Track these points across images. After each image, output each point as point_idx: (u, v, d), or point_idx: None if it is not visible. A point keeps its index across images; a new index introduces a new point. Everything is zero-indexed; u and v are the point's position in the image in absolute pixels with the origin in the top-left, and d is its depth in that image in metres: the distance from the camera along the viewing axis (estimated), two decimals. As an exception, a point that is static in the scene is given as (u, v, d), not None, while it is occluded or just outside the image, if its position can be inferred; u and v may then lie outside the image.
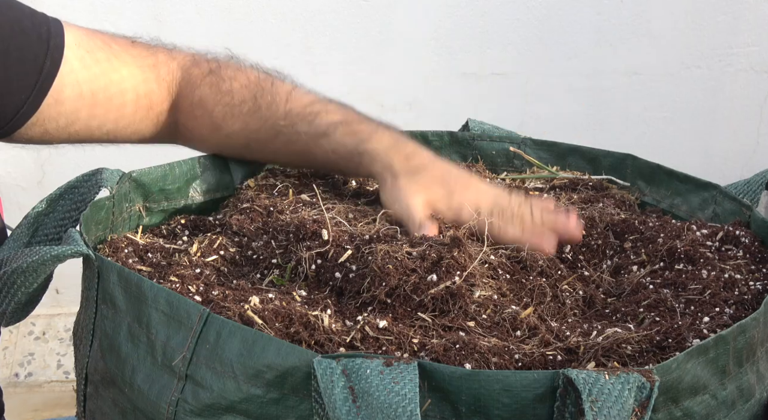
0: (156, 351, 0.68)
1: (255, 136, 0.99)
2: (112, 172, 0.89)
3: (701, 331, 0.71)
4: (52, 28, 0.95)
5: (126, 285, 0.71)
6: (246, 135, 1.00)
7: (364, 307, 0.75)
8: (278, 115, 0.98)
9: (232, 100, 1.00)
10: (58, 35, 0.95)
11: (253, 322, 0.68)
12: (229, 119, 1.00)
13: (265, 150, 1.00)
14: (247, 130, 0.99)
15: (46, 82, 0.94)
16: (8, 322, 0.75)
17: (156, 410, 0.68)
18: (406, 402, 0.56)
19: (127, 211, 0.91)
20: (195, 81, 1.02)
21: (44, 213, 0.85)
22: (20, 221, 0.84)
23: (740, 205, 0.94)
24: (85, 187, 0.86)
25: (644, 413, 0.58)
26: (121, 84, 0.99)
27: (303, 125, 0.96)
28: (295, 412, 0.62)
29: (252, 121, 0.99)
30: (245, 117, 0.99)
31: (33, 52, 0.93)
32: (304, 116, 0.97)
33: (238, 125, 1.00)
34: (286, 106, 0.98)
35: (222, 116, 1.00)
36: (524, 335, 0.72)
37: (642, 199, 1.06)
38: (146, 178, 0.94)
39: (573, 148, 1.13)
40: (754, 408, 0.70)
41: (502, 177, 1.11)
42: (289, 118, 0.97)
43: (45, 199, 0.86)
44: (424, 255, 0.76)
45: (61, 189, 0.87)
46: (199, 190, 1.00)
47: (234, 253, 0.84)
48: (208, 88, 1.01)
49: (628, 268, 0.86)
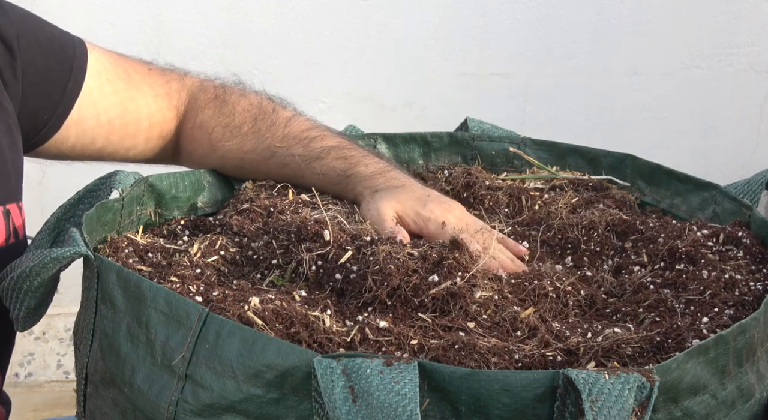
0: (156, 351, 0.68)
1: (250, 157, 1.02)
2: (128, 174, 0.90)
3: (701, 331, 0.71)
4: (77, 50, 1.00)
5: (125, 285, 0.71)
6: (241, 156, 1.02)
7: (364, 307, 0.75)
8: (276, 137, 1.01)
9: (232, 121, 1.04)
10: (82, 57, 1.00)
11: (253, 322, 0.68)
12: (227, 139, 1.03)
13: (257, 171, 1.02)
14: (242, 151, 1.02)
15: (69, 102, 0.99)
16: (23, 326, 0.76)
17: (156, 410, 0.68)
18: (406, 402, 0.56)
19: (136, 214, 0.91)
20: (199, 105, 1.06)
21: (64, 218, 0.86)
22: (41, 227, 0.85)
23: (740, 205, 0.94)
24: (101, 189, 0.87)
25: (644, 413, 0.58)
26: (137, 113, 1.04)
27: (298, 148, 0.99)
28: (295, 412, 0.62)
29: (248, 142, 1.02)
30: (242, 137, 1.03)
31: (59, 71, 0.98)
32: (300, 140, 1.00)
33: (233, 144, 1.03)
34: (284, 131, 1.02)
35: (220, 136, 1.04)
36: (524, 336, 0.72)
37: (642, 199, 1.06)
38: (161, 185, 0.95)
39: (573, 148, 1.13)
40: (754, 408, 0.70)
41: (502, 177, 1.11)
42: (286, 141, 1.01)
43: (64, 204, 0.86)
44: (426, 256, 0.76)
45: (80, 193, 0.87)
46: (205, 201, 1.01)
47: (234, 253, 0.84)
48: (210, 111, 1.05)
49: (629, 269, 0.86)
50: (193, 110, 1.07)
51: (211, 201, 1.01)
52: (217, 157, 1.04)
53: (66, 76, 0.98)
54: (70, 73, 0.98)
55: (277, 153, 1.00)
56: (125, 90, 1.04)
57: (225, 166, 1.04)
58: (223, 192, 1.03)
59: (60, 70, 0.98)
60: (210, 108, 1.05)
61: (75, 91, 0.99)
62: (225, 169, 1.04)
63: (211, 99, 1.06)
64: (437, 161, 1.16)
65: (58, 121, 0.99)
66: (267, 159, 1.01)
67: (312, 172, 0.98)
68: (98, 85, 1.01)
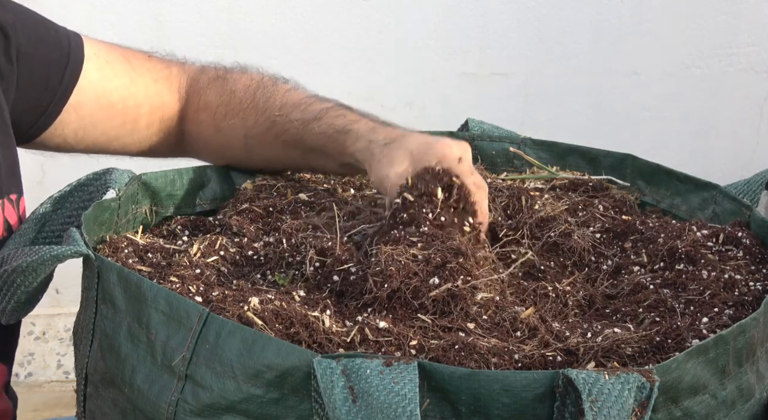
0: (156, 351, 0.68)
1: (252, 132, 1.01)
2: (122, 172, 0.89)
3: (701, 331, 0.71)
4: (72, 40, 0.99)
5: (126, 285, 0.71)
6: (244, 132, 1.02)
7: (364, 308, 0.75)
8: (274, 107, 1.01)
9: (233, 99, 1.03)
10: (78, 47, 1.00)
11: (253, 322, 0.68)
12: (230, 117, 1.02)
13: (261, 147, 1.02)
14: (244, 127, 1.02)
15: (67, 89, 0.98)
16: (8, 319, 0.75)
17: (156, 410, 0.68)
18: (405, 402, 0.56)
19: (132, 213, 0.91)
20: (201, 87, 1.06)
21: (51, 210, 0.85)
22: (27, 217, 0.85)
23: (740, 205, 0.94)
24: (94, 186, 0.87)
25: (644, 413, 0.58)
26: (137, 97, 1.03)
27: (296, 113, 0.99)
28: (295, 412, 0.62)
29: (249, 116, 1.02)
30: (243, 113, 1.02)
31: (56, 60, 0.97)
32: (297, 105, 1.00)
33: (236, 121, 1.02)
34: (282, 100, 1.01)
35: (223, 115, 1.03)
36: (524, 336, 0.72)
37: (642, 199, 1.06)
38: (156, 183, 0.95)
39: (573, 148, 1.13)
40: (754, 408, 0.70)
41: (502, 177, 1.11)
42: (284, 109, 1.00)
43: (53, 196, 0.86)
44: (429, 258, 0.76)
45: (71, 186, 0.87)
46: (205, 197, 1.01)
47: (234, 253, 0.84)
48: (213, 91, 1.05)
49: (629, 269, 0.86)
50: (195, 93, 1.06)
51: (210, 197, 1.01)
52: (222, 137, 1.03)
53: (64, 60, 0.97)
54: (68, 58, 0.98)
55: (276, 122, 1.00)
56: (125, 73, 1.03)
57: (229, 148, 1.03)
58: (223, 188, 1.02)
59: (57, 55, 0.97)
60: (212, 88, 1.05)
61: (74, 74, 0.98)
62: (229, 151, 1.03)
63: (212, 79, 1.05)
64: (437, 161, 1.16)
65: (58, 106, 0.98)
66: (268, 130, 1.01)
67: (310, 133, 0.97)
68: (97, 68, 1.00)
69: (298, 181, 1.04)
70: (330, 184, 1.05)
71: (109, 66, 1.02)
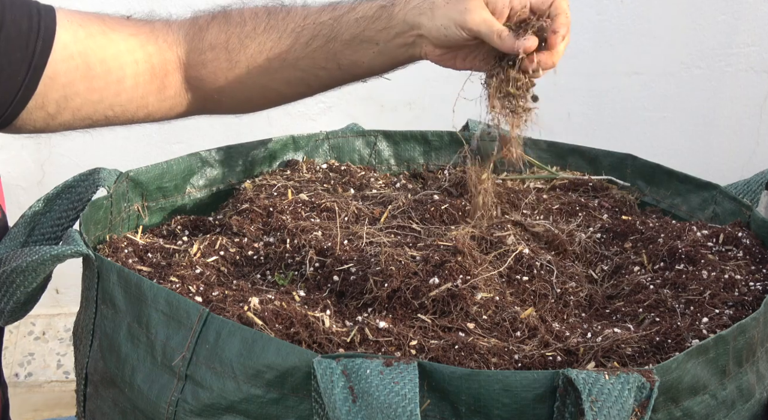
0: (156, 351, 0.68)
1: (275, 52, 0.98)
2: (110, 171, 0.89)
3: (701, 331, 0.71)
4: (42, 10, 0.93)
5: (126, 285, 0.71)
6: (266, 55, 0.98)
7: (364, 308, 0.75)
8: (297, 19, 0.97)
9: (244, 27, 0.98)
10: (49, 16, 0.94)
11: (253, 322, 0.68)
12: (245, 46, 0.98)
13: (286, 65, 0.98)
14: (265, 49, 0.98)
15: (39, 61, 0.92)
16: (7, 320, 0.75)
17: (156, 410, 0.68)
18: (406, 402, 0.56)
19: (125, 211, 0.92)
20: (200, 28, 1.00)
21: (41, 212, 0.85)
22: (17, 220, 0.85)
23: (740, 205, 0.94)
24: (82, 186, 0.87)
25: (644, 413, 0.58)
26: (118, 57, 0.97)
27: (325, 15, 0.96)
28: (295, 412, 0.62)
29: (269, 38, 0.98)
30: (261, 37, 0.98)
31: (24, 34, 0.91)
32: (323, 9, 0.96)
33: (254, 48, 0.98)
34: (303, 12, 0.98)
35: (237, 46, 0.98)
36: (524, 336, 0.72)
37: (642, 199, 1.06)
38: (143, 177, 0.95)
39: (573, 148, 1.13)
40: (754, 408, 0.70)
41: (502, 177, 1.11)
42: (310, 17, 0.97)
43: (42, 198, 0.86)
44: (428, 258, 0.76)
45: (58, 188, 0.87)
46: (196, 185, 1.01)
47: (234, 253, 0.84)
48: (215, 29, 1.00)
49: (629, 269, 0.86)
50: (195, 36, 1.00)
51: (205, 184, 1.01)
52: (242, 69, 0.98)
53: (35, 29, 0.92)
54: (38, 26, 0.92)
55: (304, 30, 0.96)
56: (102, 33, 0.96)
57: (250, 78, 0.98)
58: (215, 171, 1.02)
59: (27, 25, 0.92)
60: (213, 27, 1.00)
61: (47, 42, 0.92)
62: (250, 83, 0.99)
63: (210, 18, 1.00)
64: (437, 160, 1.17)
65: (33, 79, 0.92)
66: (294, 43, 0.97)
67: (346, 24, 0.95)
68: (71, 31, 0.94)
69: (298, 181, 1.04)
70: (330, 184, 1.05)
71: (83, 29, 0.95)
